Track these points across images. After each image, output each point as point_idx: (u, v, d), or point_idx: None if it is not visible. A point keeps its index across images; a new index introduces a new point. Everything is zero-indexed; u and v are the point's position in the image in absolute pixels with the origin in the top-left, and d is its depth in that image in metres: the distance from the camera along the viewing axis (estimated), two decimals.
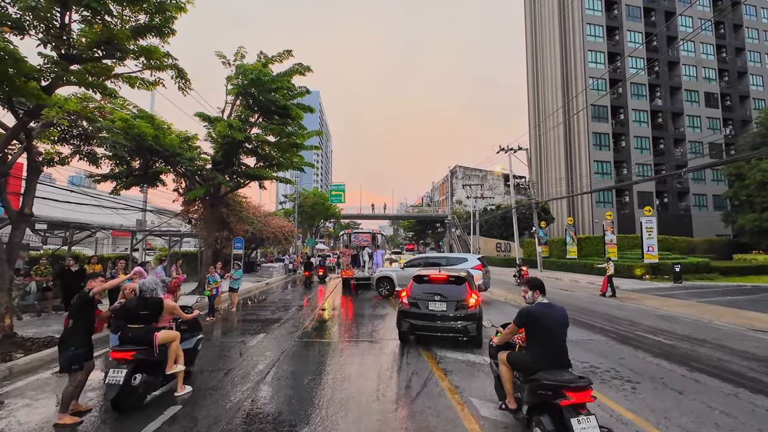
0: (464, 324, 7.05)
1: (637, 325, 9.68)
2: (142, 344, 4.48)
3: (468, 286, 7.47)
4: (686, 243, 31.61)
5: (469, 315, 7.09)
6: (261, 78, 13.01)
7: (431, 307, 7.25)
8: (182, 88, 8.89)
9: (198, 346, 5.75)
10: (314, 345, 7.51)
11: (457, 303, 7.19)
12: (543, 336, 3.63)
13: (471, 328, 7.04)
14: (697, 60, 44.43)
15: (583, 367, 6.04)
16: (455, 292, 7.34)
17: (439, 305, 7.23)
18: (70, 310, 4.30)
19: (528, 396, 3.49)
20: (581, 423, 2.97)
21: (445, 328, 7.10)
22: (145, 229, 14.21)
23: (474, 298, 7.32)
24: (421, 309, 7.32)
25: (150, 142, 12.26)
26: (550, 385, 3.23)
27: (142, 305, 4.63)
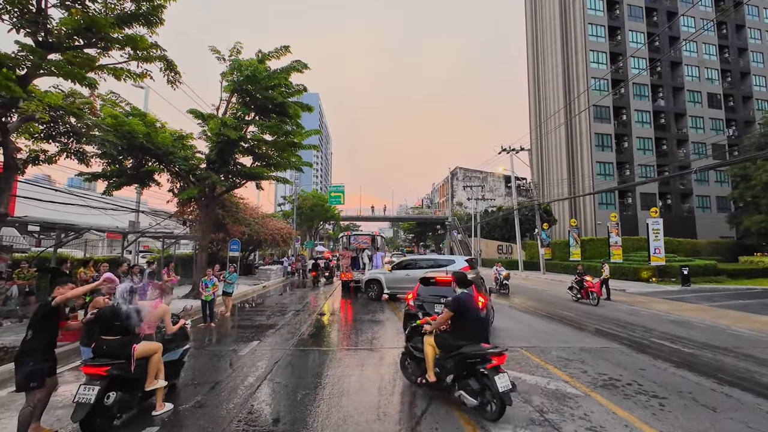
0: None
1: (652, 331, 9.18)
2: (119, 358, 3.98)
3: (475, 289, 7.02)
4: (691, 245, 31.13)
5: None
6: (257, 74, 12.57)
7: (437, 309, 7.04)
8: (172, 81, 8.43)
9: (183, 358, 5.26)
10: (310, 354, 7.02)
11: None
12: (467, 318, 4.60)
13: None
14: (699, 60, 44.08)
15: (603, 380, 5.54)
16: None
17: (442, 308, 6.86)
18: (30, 320, 3.81)
19: (454, 368, 4.45)
20: (501, 378, 4.16)
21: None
22: (137, 230, 13.72)
23: (481, 300, 6.93)
24: (426, 311, 6.99)
25: (141, 140, 11.80)
26: (478, 355, 4.33)
27: (116, 315, 4.12)
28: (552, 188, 45.51)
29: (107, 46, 7.19)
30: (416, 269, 14.29)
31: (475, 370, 4.29)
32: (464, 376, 4.40)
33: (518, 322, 10.07)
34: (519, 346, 7.48)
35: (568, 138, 44.09)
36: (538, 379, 5.53)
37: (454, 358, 4.44)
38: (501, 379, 4.14)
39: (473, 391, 4.29)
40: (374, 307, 12.64)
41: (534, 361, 6.51)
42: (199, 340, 8.22)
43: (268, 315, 11.28)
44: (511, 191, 61.07)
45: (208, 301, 9.61)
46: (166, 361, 4.61)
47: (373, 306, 12.95)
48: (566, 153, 44.31)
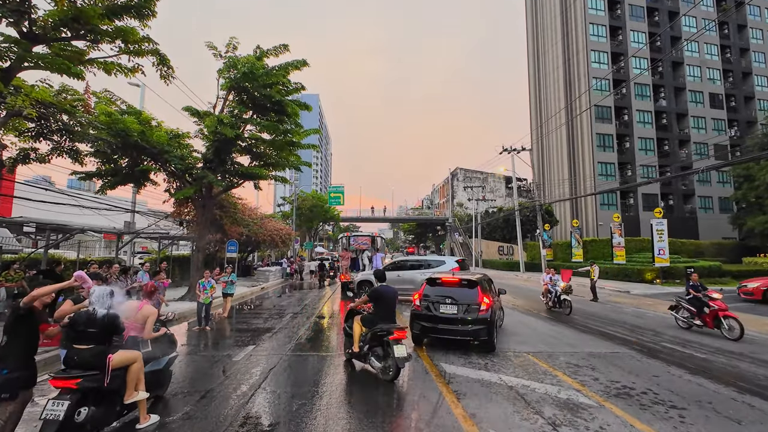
0: (475, 328, 6.90)
1: (661, 335, 8.88)
2: (92, 369, 3.66)
3: (480, 290, 7.20)
4: (694, 246, 30.83)
5: (479, 319, 6.91)
6: (254, 71, 12.29)
7: (442, 310, 7.19)
8: (165, 76, 8.15)
9: (170, 367, 4.95)
10: (308, 360, 6.71)
11: (468, 306, 7.04)
12: (383, 304, 5.91)
13: (482, 332, 6.89)
14: (701, 60, 43.85)
15: (616, 389, 5.24)
16: (467, 296, 7.19)
17: (450, 308, 7.14)
18: (5, 324, 3.51)
19: (370, 340, 5.69)
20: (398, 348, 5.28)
21: (455, 331, 7.02)
22: (131, 231, 13.42)
23: (486, 302, 7.03)
24: (432, 312, 7.27)
25: (135, 139, 11.52)
26: (386, 329, 5.53)
27: (91, 321, 3.79)
28: (553, 189, 45.23)
29: (97, 38, 6.91)
30: (407, 270, 14.03)
31: (383, 341, 5.53)
32: (375, 345, 5.68)
33: (522, 325, 9.77)
34: (525, 351, 7.18)
35: (569, 138, 43.83)
36: (548, 388, 5.22)
37: (371, 332, 5.68)
38: (399, 348, 5.27)
39: (378, 356, 5.62)
40: None
41: (542, 367, 6.21)
42: (194, 345, 7.92)
43: (266, 318, 10.98)
44: (512, 192, 60.85)
45: (206, 304, 9.29)
46: (149, 371, 4.30)
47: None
48: (567, 153, 44.04)
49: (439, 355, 6.82)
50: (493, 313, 7.07)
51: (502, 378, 5.60)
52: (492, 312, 7.04)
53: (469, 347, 7.25)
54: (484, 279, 8.06)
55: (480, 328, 6.84)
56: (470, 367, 6.18)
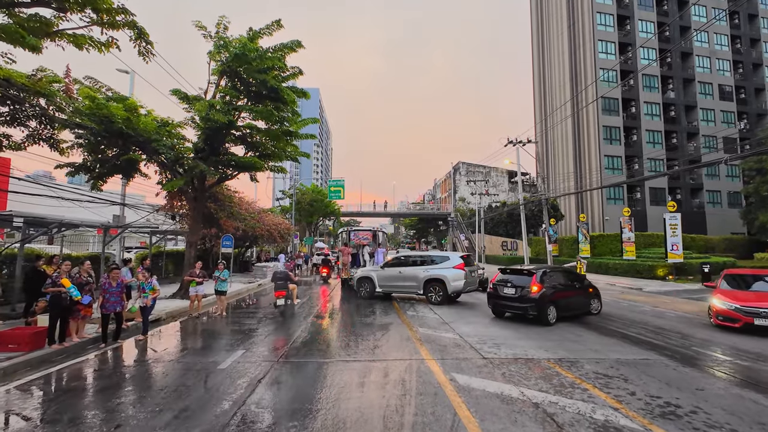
0: (525, 305, 9.10)
1: (690, 338, 8.13)
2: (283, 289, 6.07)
3: (535, 278, 9.15)
4: (704, 241, 30.02)
5: (530, 298, 9.01)
6: (247, 53, 11.45)
7: (505, 291, 9.59)
8: (143, 53, 7.34)
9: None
10: (302, 368, 5.98)
11: (522, 289, 9.20)
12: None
13: (531, 308, 9.01)
14: (710, 51, 42.71)
15: (659, 407, 4.49)
16: (522, 282, 9.33)
17: (509, 290, 9.51)
18: None
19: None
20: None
21: (513, 306, 9.43)
22: (119, 224, 12.68)
23: (536, 287, 9.01)
24: (498, 292, 9.76)
25: (120, 126, 10.74)
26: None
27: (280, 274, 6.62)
28: (558, 183, 44.35)
29: (63, 6, 6.11)
30: (409, 266, 13.32)
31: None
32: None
33: (538, 327, 9.02)
34: (545, 358, 6.43)
35: (574, 131, 42.86)
36: (580, 406, 4.48)
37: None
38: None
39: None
40: (376, 309, 11.62)
41: (567, 378, 5.47)
42: (178, 349, 7.19)
43: (260, 318, 10.26)
44: (515, 187, 59.97)
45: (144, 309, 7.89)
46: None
47: (374, 307, 11.92)
48: (573, 146, 43.10)
49: (451, 364, 6.09)
50: (543, 295, 8.97)
51: (525, 392, 4.86)
52: (542, 295, 8.95)
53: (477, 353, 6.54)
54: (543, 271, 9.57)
55: (530, 305, 8.99)
56: (487, 377, 5.44)
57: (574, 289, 10.13)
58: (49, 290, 6.49)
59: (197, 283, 9.91)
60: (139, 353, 7.00)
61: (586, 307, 10.26)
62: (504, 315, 9.99)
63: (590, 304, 10.44)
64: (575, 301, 10.00)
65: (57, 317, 6.59)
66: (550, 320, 8.98)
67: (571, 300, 9.88)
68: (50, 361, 6.30)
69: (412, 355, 6.57)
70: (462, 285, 12.21)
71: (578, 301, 10.11)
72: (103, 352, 6.94)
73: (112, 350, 7.10)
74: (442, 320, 9.70)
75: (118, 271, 7.51)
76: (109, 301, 7.33)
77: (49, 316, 6.58)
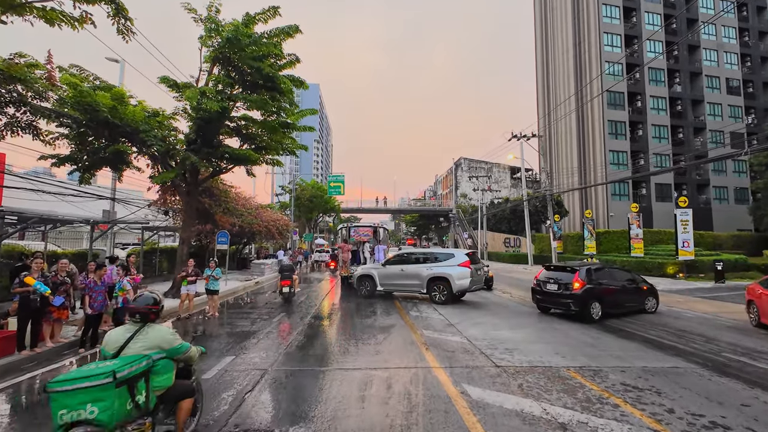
0: (567, 301, 9.37)
1: (716, 341, 7.54)
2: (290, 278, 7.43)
3: (577, 275, 9.38)
4: (712, 238, 29.38)
5: (572, 295, 9.28)
6: (240, 38, 10.78)
7: (548, 287, 9.89)
8: (123, 31, 6.69)
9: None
10: (296, 378, 5.39)
11: (565, 285, 9.47)
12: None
13: (573, 304, 9.22)
14: (718, 44, 41.86)
15: (704, 427, 3.90)
16: (565, 278, 9.60)
17: (552, 286, 9.81)
18: None
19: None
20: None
21: (555, 302, 9.78)
22: (107, 220, 12.07)
23: (578, 283, 9.23)
24: (542, 288, 10.06)
25: (106, 115, 10.10)
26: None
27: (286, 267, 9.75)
28: (561, 179, 43.64)
29: None
30: (412, 264, 12.72)
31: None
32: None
33: (551, 330, 8.43)
34: (564, 366, 5.84)
35: (579, 126, 42.12)
36: (613, 427, 3.88)
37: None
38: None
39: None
40: (377, 309, 11.03)
41: (592, 390, 4.87)
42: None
43: (254, 318, 9.68)
44: (516, 183, 59.24)
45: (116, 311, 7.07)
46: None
47: (375, 307, 11.34)
48: (577, 141, 42.38)
49: (460, 373, 5.49)
50: (586, 291, 9.17)
51: (548, 410, 4.26)
52: (585, 291, 9.16)
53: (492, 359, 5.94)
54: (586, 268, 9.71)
55: (572, 301, 9.24)
56: (502, 390, 4.85)
57: (623, 287, 10.15)
58: (17, 290, 5.90)
59: (189, 281, 9.30)
60: None
61: (639, 305, 10.30)
62: (549, 311, 10.26)
63: (645, 302, 10.42)
64: (625, 298, 10.08)
65: (26, 320, 6.00)
66: (594, 316, 9.10)
67: (620, 297, 9.94)
68: (18, 370, 5.71)
69: (417, 363, 5.98)
70: (468, 284, 11.61)
71: (629, 298, 10.18)
72: (80, 358, 6.36)
73: (91, 357, 6.51)
74: (448, 322, 9.11)
75: (105, 268, 6.91)
76: (96, 301, 6.75)
77: (17, 318, 5.99)
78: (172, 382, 3.07)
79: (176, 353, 3.13)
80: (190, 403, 3.20)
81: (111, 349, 2.92)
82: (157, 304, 3.18)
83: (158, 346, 3.00)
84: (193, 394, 3.26)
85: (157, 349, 2.98)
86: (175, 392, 3.09)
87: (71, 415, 2.40)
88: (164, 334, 3.11)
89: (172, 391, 3.07)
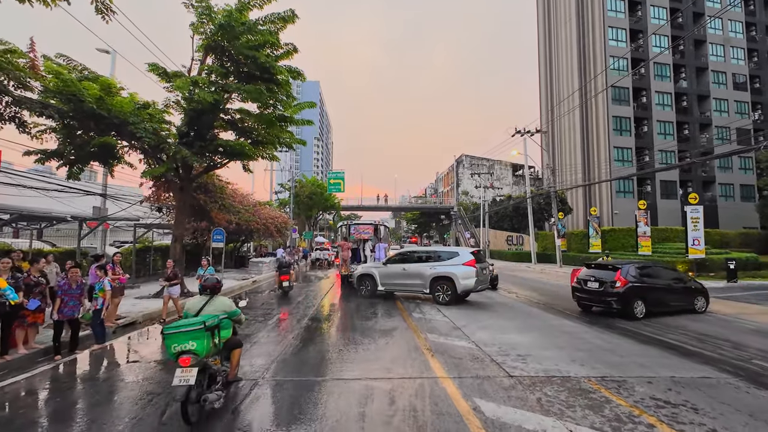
0: (609, 299, 9.34)
1: (742, 347, 7.01)
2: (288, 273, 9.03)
3: (619, 274, 9.29)
4: (720, 236, 28.81)
5: (614, 293, 9.24)
6: (233, 25, 10.22)
7: (589, 285, 9.85)
8: (101, 10, 6.15)
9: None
10: (288, 390, 4.86)
11: (607, 284, 9.42)
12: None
13: (615, 302, 9.23)
14: (724, 38, 41.15)
15: None
16: (606, 277, 9.57)
17: (593, 284, 9.75)
18: None
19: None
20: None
21: (597, 300, 9.73)
22: (96, 217, 11.55)
23: (621, 281, 9.19)
24: (582, 287, 10.03)
25: (91, 105, 9.56)
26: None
27: (283, 263, 10.31)
28: (564, 175, 43.05)
29: None
30: (414, 263, 12.18)
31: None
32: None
33: (564, 334, 7.90)
34: (585, 376, 5.31)
35: (582, 122, 41.49)
36: None
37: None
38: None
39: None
40: (378, 310, 10.51)
41: (621, 406, 4.34)
42: (132, 367, 6.06)
43: (249, 320, 9.14)
44: (518, 180, 58.60)
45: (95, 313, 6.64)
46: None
47: (376, 308, 10.82)
48: (581, 138, 41.76)
49: (471, 385, 4.96)
50: (629, 289, 9.17)
51: (574, 431, 3.73)
52: (628, 289, 9.16)
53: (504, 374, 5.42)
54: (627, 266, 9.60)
55: (614, 299, 9.23)
56: (519, 405, 4.32)
57: (668, 285, 10.06)
58: None
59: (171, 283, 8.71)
60: (92, 369, 5.89)
61: (686, 305, 10.14)
62: (590, 309, 10.24)
63: (693, 302, 10.24)
64: (670, 297, 10.00)
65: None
66: (637, 315, 9.17)
67: (665, 296, 9.88)
68: None
69: (422, 372, 5.45)
70: (473, 283, 11.06)
71: (675, 297, 10.09)
72: (54, 367, 5.84)
73: (65, 364, 5.99)
74: (453, 324, 8.58)
75: (77, 270, 6.37)
76: (67, 306, 6.22)
77: None
78: (230, 335, 4.50)
79: (233, 315, 4.50)
80: (239, 352, 4.67)
81: (192, 311, 4.25)
82: (219, 283, 4.60)
83: (222, 309, 4.37)
84: (241, 345, 4.75)
85: (221, 312, 4.32)
86: (231, 342, 4.52)
87: (180, 347, 3.71)
88: (225, 302, 4.51)
89: (230, 342, 4.50)
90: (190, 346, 3.73)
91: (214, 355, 4.11)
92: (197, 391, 3.77)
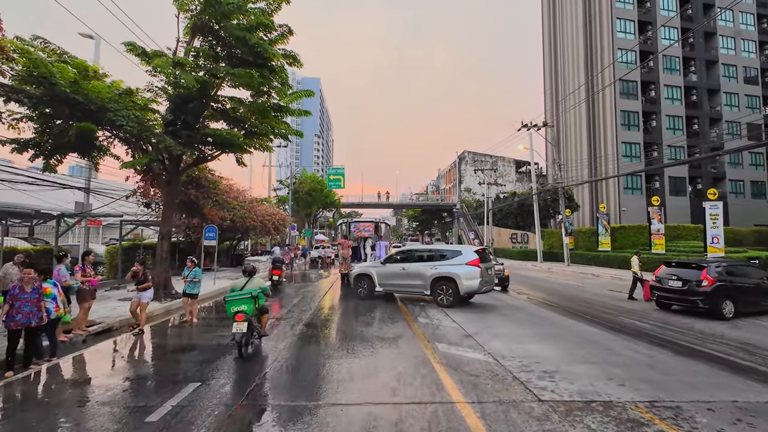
0: (694, 298, 9.14)
1: None
2: (281, 268, 12.33)
3: (706, 272, 9.13)
4: (733, 233, 27.84)
5: (699, 292, 9.05)
6: (221, 1, 9.29)
7: (670, 284, 9.76)
8: None
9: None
10: (273, 422, 3.99)
11: (691, 283, 9.29)
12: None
13: (702, 302, 9.01)
14: (735, 31, 40.00)
15: None
16: (689, 275, 9.45)
17: (675, 283, 9.65)
18: None
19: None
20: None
21: (679, 299, 9.62)
22: (77, 213, 10.69)
23: (708, 280, 9.00)
24: (662, 285, 9.93)
25: (65, 89, 8.66)
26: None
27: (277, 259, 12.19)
28: (570, 171, 42.05)
29: None
30: (414, 262, 11.28)
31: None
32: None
33: (584, 341, 7.01)
34: (629, 400, 4.42)
35: (589, 116, 40.46)
36: None
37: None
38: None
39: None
40: (380, 313, 9.64)
41: None
42: (101, 381, 5.17)
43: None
44: (522, 177, 57.60)
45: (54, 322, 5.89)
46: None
47: (377, 311, 9.94)
48: (587, 133, 40.74)
49: (495, 414, 4.08)
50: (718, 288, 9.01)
51: None
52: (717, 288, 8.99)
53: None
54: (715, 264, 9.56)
55: (700, 298, 9.05)
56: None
57: (758, 285, 9.81)
58: None
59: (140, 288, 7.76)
60: (44, 390, 5.01)
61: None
62: (670, 307, 10.14)
63: None
64: (761, 298, 9.75)
65: None
66: (726, 315, 8.99)
67: (755, 296, 9.67)
68: None
69: (434, 395, 4.57)
70: (477, 285, 10.17)
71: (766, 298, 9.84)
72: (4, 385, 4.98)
73: (17, 382, 5.13)
74: (464, 331, 7.70)
75: (30, 271, 5.50)
76: (20, 311, 5.35)
77: None
78: (263, 303, 6.46)
79: (264, 290, 6.43)
80: (267, 316, 6.83)
81: (238, 287, 6.25)
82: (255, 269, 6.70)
83: (258, 286, 6.33)
84: (268, 311, 6.98)
85: (257, 287, 6.27)
86: (262, 308, 6.51)
87: (237, 309, 5.85)
88: (260, 281, 6.51)
89: (262, 308, 6.49)
90: (243, 307, 5.87)
91: (254, 316, 6.15)
92: (246, 336, 5.86)
